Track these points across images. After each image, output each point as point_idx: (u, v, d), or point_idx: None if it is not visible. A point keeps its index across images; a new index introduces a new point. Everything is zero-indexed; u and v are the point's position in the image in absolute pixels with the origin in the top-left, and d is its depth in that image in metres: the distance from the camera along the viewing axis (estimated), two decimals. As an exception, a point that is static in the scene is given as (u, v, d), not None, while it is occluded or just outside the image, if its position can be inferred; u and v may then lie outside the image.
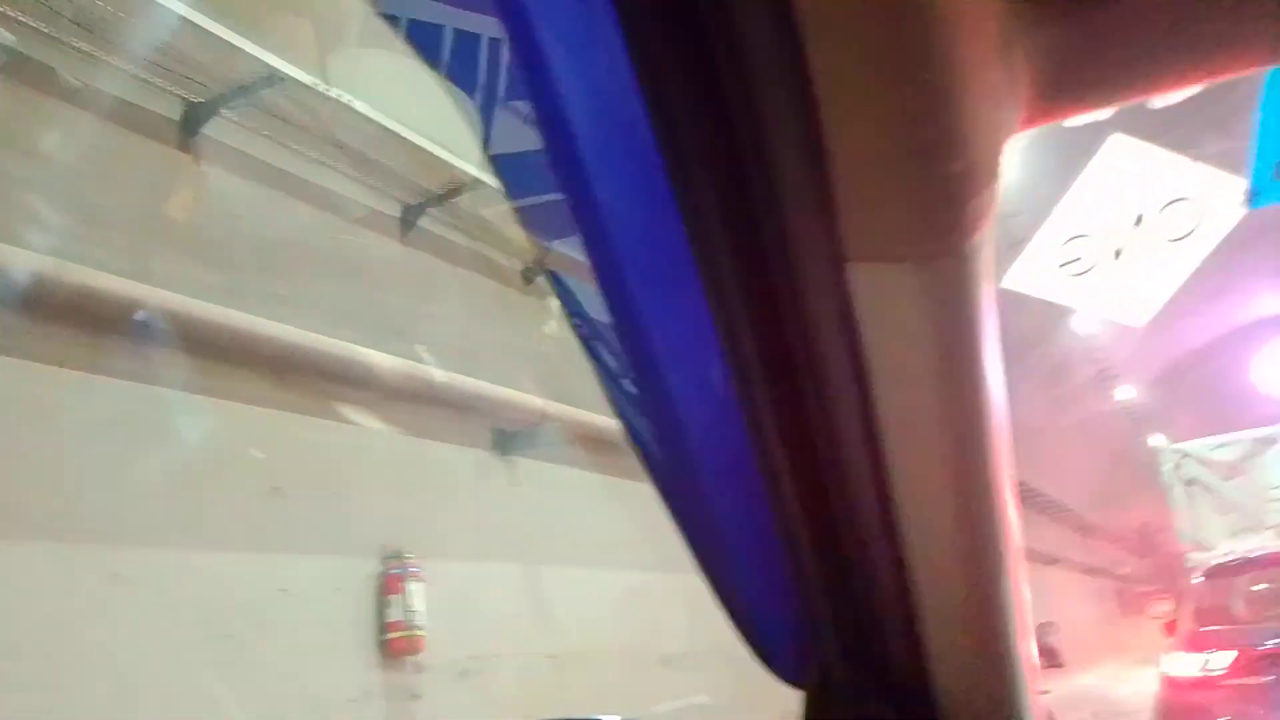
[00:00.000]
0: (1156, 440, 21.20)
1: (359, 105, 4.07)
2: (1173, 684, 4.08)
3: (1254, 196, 0.63)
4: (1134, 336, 17.68)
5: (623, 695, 4.50)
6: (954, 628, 0.65)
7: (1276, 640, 4.01)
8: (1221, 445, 12.09)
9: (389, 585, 4.20)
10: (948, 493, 0.61)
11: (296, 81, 3.83)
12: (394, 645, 4.17)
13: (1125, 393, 19.26)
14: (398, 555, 4.23)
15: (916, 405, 0.58)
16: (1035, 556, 14.28)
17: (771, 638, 0.69)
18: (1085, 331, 15.30)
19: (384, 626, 4.17)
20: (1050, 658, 5.79)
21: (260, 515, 3.76)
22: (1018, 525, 0.67)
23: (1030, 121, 0.54)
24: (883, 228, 0.52)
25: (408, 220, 4.82)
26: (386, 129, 4.24)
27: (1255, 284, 18.30)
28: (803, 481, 0.62)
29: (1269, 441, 11.53)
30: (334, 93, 3.96)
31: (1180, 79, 0.56)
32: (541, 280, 4.88)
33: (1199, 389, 20.68)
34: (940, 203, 0.51)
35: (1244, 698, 3.76)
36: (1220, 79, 0.56)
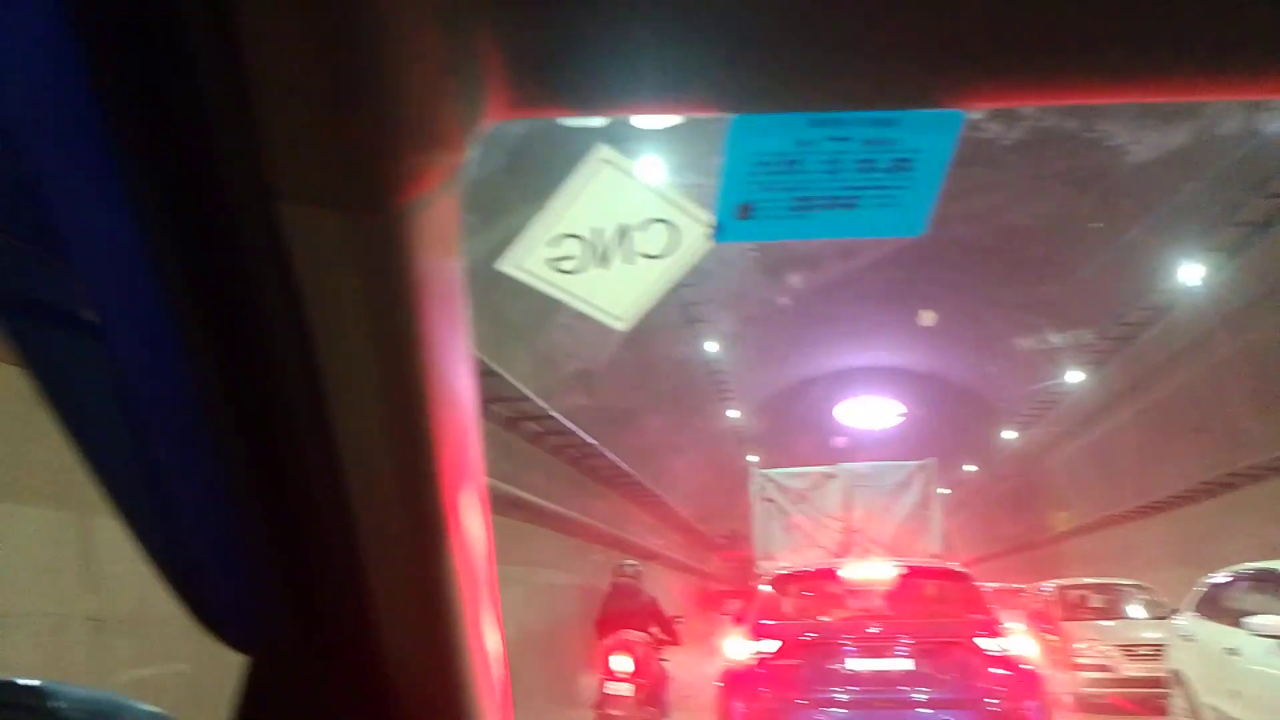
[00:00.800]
0: (751, 460, 24.13)
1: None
2: (734, 664, 5.09)
3: (719, 231, 0.80)
4: (747, 364, 19.94)
5: (166, 662, 4.04)
6: (402, 604, 0.64)
7: (811, 634, 5.22)
8: (795, 475, 14.10)
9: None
10: (392, 464, 0.59)
11: None
12: None
13: (734, 413, 21.61)
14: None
15: (357, 366, 0.56)
16: (639, 551, 15.39)
17: (217, 602, 0.64)
18: (711, 354, 16.87)
19: None
20: (674, 637, 7.50)
21: None
22: (479, 505, 0.68)
23: (506, 111, 0.56)
24: (312, 169, 0.50)
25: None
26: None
27: (848, 338, 21.60)
28: (248, 437, 0.57)
29: (830, 477, 13.66)
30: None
31: (649, 105, 0.60)
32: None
33: (792, 420, 23.86)
34: (371, 153, 0.50)
35: (782, 676, 4.90)
36: (688, 114, 0.61)
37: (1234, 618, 5.64)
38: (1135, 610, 9.56)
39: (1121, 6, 0.59)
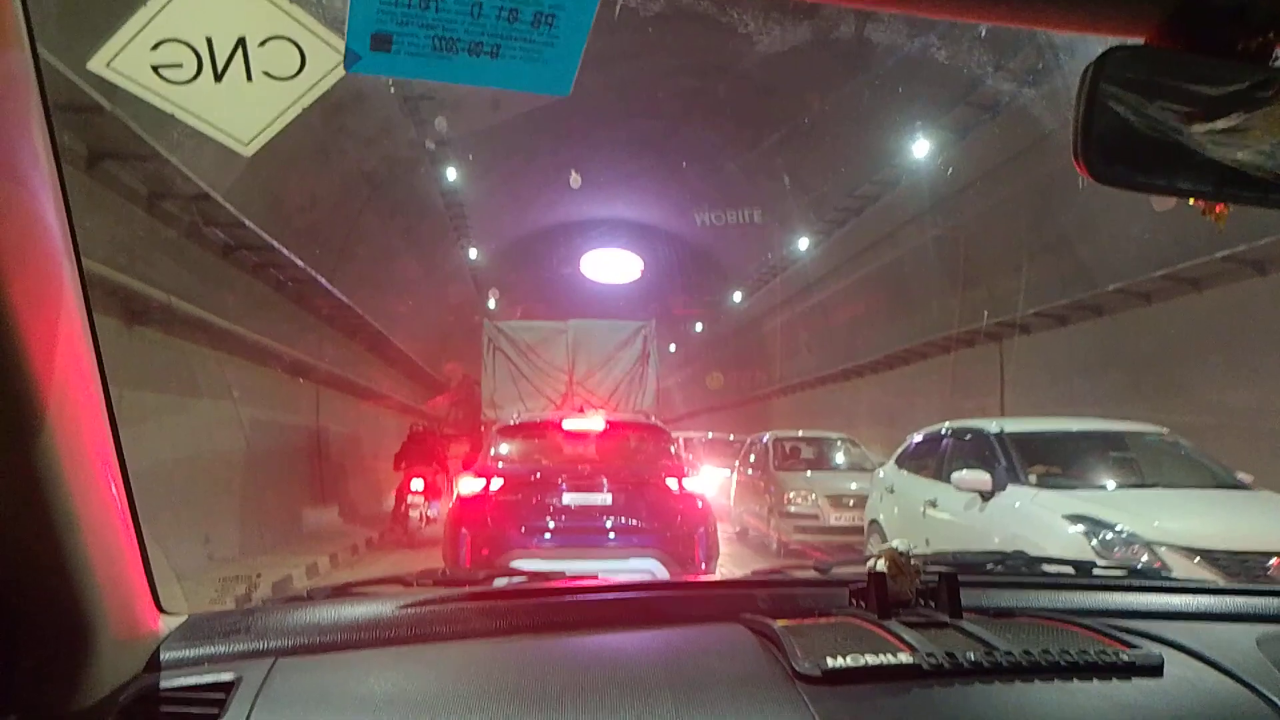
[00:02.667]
0: (490, 305, 23.37)
1: None
2: (462, 497, 5.85)
3: (352, 61, 0.67)
4: (491, 203, 18.84)
5: None
6: None
7: (530, 474, 5.98)
8: (526, 328, 14.33)
9: None
10: None
11: None
12: None
13: (474, 254, 20.56)
14: None
15: None
16: (354, 389, 14.38)
17: None
18: (451, 184, 15.62)
19: None
20: (445, 467, 11.35)
21: None
22: (82, 349, 0.72)
23: None
24: None
25: None
26: None
27: (594, 187, 21.03)
28: None
29: (560, 332, 14.00)
30: None
31: None
32: None
33: (532, 266, 23.24)
34: None
35: (503, 508, 5.71)
36: None
37: (936, 472, 5.90)
38: (843, 463, 10.17)
39: None
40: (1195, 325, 9.14)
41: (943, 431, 6.22)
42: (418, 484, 10.90)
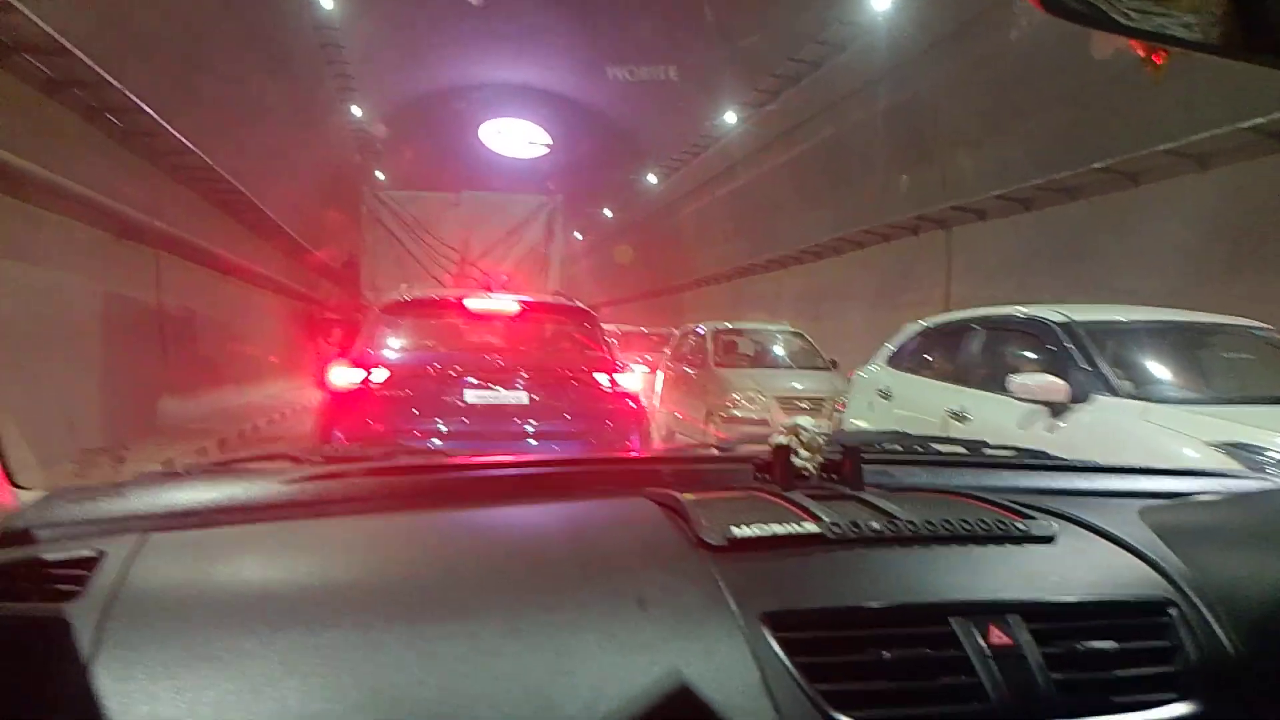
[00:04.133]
0: (374, 175, 20.90)
1: None
2: (335, 391, 4.80)
3: None
4: (377, 53, 16.32)
5: None
6: None
7: (423, 364, 4.92)
8: (413, 199, 12.82)
9: None
10: None
11: None
12: None
13: (357, 111, 18.00)
14: None
15: None
16: (211, 260, 12.24)
17: None
18: (324, 17, 13.11)
19: None
20: None
21: None
22: None
23: None
24: None
25: None
26: None
27: (502, 44, 18.61)
28: None
29: (452, 205, 12.67)
30: None
31: None
32: None
33: (426, 132, 20.79)
34: None
35: (388, 406, 4.74)
36: None
37: (959, 375, 4.57)
38: (793, 360, 8.82)
39: None
40: (1195, 209, 8.03)
41: (965, 322, 4.83)
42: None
